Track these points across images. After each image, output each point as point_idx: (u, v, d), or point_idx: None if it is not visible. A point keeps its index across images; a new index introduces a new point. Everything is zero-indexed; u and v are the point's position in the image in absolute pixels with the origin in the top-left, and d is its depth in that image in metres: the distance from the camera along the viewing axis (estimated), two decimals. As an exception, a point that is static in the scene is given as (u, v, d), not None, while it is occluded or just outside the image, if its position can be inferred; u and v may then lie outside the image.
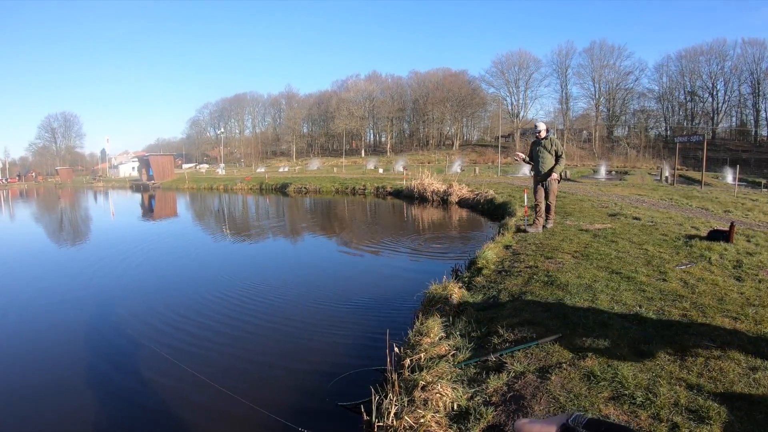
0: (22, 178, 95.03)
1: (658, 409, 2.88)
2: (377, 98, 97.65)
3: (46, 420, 4.48)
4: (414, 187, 26.50)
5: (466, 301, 5.77)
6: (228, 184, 45.32)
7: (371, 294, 8.15)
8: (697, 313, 4.57)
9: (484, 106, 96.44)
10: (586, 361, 3.58)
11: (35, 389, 5.08)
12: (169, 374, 5.23)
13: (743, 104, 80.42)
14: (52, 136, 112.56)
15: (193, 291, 8.73)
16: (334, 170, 58.03)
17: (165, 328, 6.72)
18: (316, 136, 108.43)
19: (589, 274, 6.19)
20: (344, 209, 24.43)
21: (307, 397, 4.64)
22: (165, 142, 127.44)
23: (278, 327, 6.75)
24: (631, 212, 12.50)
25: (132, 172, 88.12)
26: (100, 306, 8.04)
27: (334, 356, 5.57)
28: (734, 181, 27.29)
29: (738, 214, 12.78)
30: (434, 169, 36.94)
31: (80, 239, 16.86)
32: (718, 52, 78.26)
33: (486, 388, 3.43)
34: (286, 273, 10.01)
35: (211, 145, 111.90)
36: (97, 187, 65.53)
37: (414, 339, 4.68)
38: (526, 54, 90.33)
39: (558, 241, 8.68)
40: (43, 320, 7.42)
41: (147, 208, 30.75)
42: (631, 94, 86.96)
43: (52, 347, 6.31)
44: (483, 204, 19.72)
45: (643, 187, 23.88)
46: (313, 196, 32.71)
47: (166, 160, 65.34)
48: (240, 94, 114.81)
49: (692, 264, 6.63)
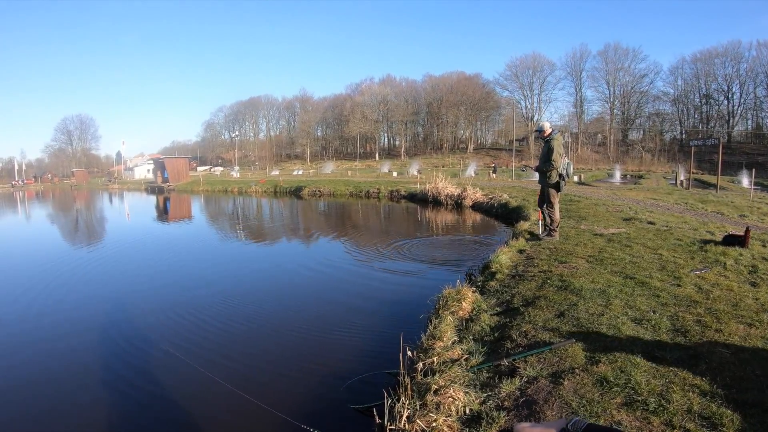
0: (38, 179, 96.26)
1: (671, 415, 2.88)
2: (391, 102, 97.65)
3: (60, 417, 4.59)
4: (428, 190, 26.42)
5: (480, 305, 5.77)
6: (242, 187, 45.55)
7: (384, 297, 8.18)
8: (712, 318, 4.55)
9: (498, 109, 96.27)
10: (599, 367, 3.58)
11: (51, 386, 5.19)
12: (183, 374, 5.32)
13: (759, 107, 79.46)
14: (68, 138, 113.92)
15: (207, 293, 8.81)
16: (348, 173, 58.04)
17: (179, 329, 6.81)
18: (330, 140, 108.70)
19: (603, 279, 6.17)
20: (358, 212, 24.47)
21: (319, 399, 4.68)
22: (180, 145, 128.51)
23: (291, 329, 6.80)
24: (646, 216, 12.41)
25: (147, 175, 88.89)
26: (115, 306, 8.16)
27: (347, 359, 5.60)
28: (750, 185, 27.00)
29: (754, 219, 12.63)
30: (448, 173, 36.91)
31: (96, 240, 17.05)
32: (733, 55, 77.41)
33: (498, 392, 3.45)
34: (300, 276, 10.07)
35: (226, 148, 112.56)
36: (112, 189, 66.32)
37: (427, 343, 4.70)
38: (540, 57, 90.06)
39: (572, 246, 8.65)
40: (61, 319, 7.54)
41: (162, 210, 31.04)
42: (646, 97, 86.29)
43: (68, 346, 6.41)
44: (497, 208, 19.66)
45: (657, 191, 23.68)
46: (327, 199, 32.77)
47: (181, 162, 65.85)
48: (255, 97, 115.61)
49: (707, 269, 6.59)
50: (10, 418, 4.60)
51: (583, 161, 76.20)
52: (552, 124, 9.66)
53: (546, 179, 9.43)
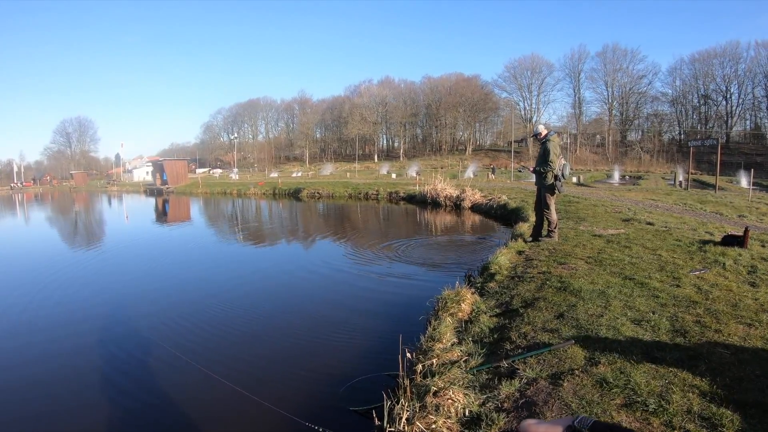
0: (37, 181, 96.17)
1: (671, 416, 2.88)
2: (390, 103, 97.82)
3: (63, 417, 4.58)
4: (427, 192, 26.44)
5: (479, 306, 5.77)
6: (241, 189, 45.51)
7: (383, 299, 8.17)
8: (711, 319, 4.54)
9: (497, 110, 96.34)
10: (598, 368, 3.57)
11: (55, 386, 5.17)
12: (184, 373, 5.34)
13: (757, 107, 79.61)
14: (67, 140, 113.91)
15: (207, 295, 8.82)
16: (347, 175, 58.12)
17: (180, 330, 6.82)
18: (329, 141, 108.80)
19: (602, 280, 6.17)
20: (357, 214, 24.46)
21: (319, 401, 4.67)
22: (179, 147, 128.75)
23: (290, 330, 6.80)
24: (645, 217, 12.41)
25: (146, 177, 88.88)
26: (116, 308, 8.15)
27: (347, 361, 5.60)
28: (749, 185, 27.00)
29: (752, 219, 12.64)
30: (447, 174, 36.89)
31: (95, 242, 17.03)
32: (732, 55, 77.55)
33: (498, 394, 3.44)
34: (298, 278, 10.06)
35: (225, 150, 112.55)
36: (111, 191, 66.26)
37: (426, 344, 4.70)
38: (539, 58, 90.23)
39: (571, 247, 8.65)
40: (62, 320, 7.53)
41: (161, 212, 31.02)
42: (645, 97, 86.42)
43: (71, 346, 6.40)
44: (496, 209, 19.66)
45: (656, 192, 23.70)
46: (326, 201, 32.77)
47: (180, 164, 65.86)
48: (253, 99, 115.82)
49: (706, 270, 6.59)
50: (13, 418, 4.60)
51: (581, 162, 76.35)
52: (548, 126, 9.60)
53: (543, 180, 9.37)
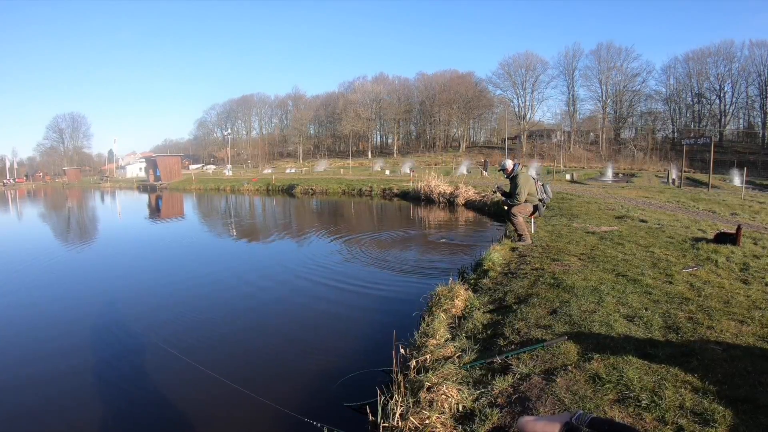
0: (29, 178, 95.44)
1: (664, 411, 2.89)
2: (384, 100, 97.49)
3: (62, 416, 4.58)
4: (421, 188, 26.47)
5: (472, 302, 5.78)
6: (235, 185, 45.41)
7: (377, 295, 8.17)
8: (704, 316, 4.57)
9: (491, 108, 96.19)
10: (591, 364, 3.59)
11: (52, 385, 5.16)
12: (179, 370, 5.34)
13: (751, 106, 79.76)
14: (59, 136, 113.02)
15: (202, 292, 8.82)
16: (341, 172, 57.90)
17: (176, 327, 6.81)
18: (323, 138, 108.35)
19: (595, 277, 6.19)
20: (351, 211, 24.46)
21: (313, 396, 4.67)
22: (172, 143, 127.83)
23: (283, 327, 6.81)
24: (638, 215, 12.47)
25: (139, 173, 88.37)
26: (110, 305, 8.13)
27: (341, 357, 5.60)
28: (742, 184, 27.17)
29: (745, 217, 12.72)
30: (441, 171, 36.91)
31: (89, 239, 16.97)
32: (726, 54, 77.64)
33: (491, 389, 3.45)
34: (292, 274, 10.02)
35: (219, 146, 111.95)
36: (104, 187, 65.89)
37: (420, 340, 4.70)
38: (533, 56, 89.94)
39: (564, 244, 8.68)
40: (58, 319, 7.51)
41: (154, 209, 30.90)
42: (638, 96, 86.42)
43: (69, 344, 6.38)
44: (490, 206, 19.70)
45: (650, 190, 23.78)
46: (319, 197, 32.74)
47: (174, 161, 65.54)
48: (247, 95, 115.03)
49: (699, 267, 6.62)
50: (12, 418, 4.57)
51: (575, 160, 76.43)
52: (515, 161, 9.56)
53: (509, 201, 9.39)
